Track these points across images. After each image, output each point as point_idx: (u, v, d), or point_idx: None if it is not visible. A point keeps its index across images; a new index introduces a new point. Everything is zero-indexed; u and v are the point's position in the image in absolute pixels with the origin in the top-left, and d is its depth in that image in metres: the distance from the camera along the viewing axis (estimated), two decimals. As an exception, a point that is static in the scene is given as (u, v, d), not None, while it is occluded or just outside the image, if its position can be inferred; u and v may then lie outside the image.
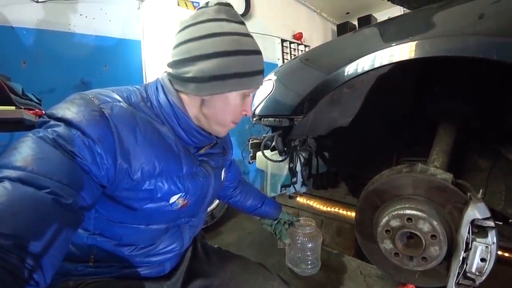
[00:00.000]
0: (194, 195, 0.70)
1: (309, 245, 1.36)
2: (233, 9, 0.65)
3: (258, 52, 0.64)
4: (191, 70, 0.60)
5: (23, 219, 0.40)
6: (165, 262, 0.75)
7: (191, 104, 0.65)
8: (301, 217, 1.34)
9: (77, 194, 0.47)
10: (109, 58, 1.97)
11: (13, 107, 0.86)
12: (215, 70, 0.59)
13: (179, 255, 0.80)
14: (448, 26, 0.82)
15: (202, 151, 0.74)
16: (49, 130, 0.48)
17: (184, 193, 0.66)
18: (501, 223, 1.04)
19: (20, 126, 0.89)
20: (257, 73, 0.64)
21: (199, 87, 0.61)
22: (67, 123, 0.50)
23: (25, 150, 0.45)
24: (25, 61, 1.65)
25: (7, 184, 0.40)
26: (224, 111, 0.66)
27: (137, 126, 0.58)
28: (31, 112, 0.92)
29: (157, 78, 0.68)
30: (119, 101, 0.58)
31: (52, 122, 0.50)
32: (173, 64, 0.63)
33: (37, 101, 1.12)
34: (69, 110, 0.51)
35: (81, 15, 1.87)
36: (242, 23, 0.65)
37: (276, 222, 1.17)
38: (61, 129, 0.48)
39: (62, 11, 1.79)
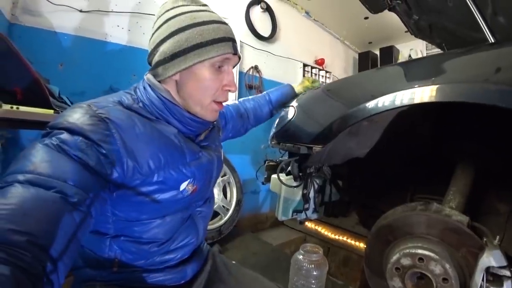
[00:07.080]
0: (201, 180, 0.73)
1: (314, 273, 1.33)
2: None
3: (216, 22, 0.67)
4: (155, 56, 0.66)
5: (35, 217, 0.41)
6: (186, 268, 0.77)
7: (172, 91, 0.68)
8: (308, 243, 1.32)
9: (83, 193, 0.48)
10: (138, 68, 2.06)
11: (51, 111, 0.93)
12: (174, 47, 0.63)
13: (197, 254, 0.82)
14: (469, 72, 0.84)
15: (201, 137, 0.76)
16: (53, 138, 0.51)
17: (192, 179, 0.69)
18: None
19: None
20: (218, 41, 0.65)
21: (165, 69, 0.65)
22: (69, 130, 0.52)
23: (32, 156, 0.47)
24: (62, 64, 1.77)
25: (17, 186, 0.43)
26: (199, 89, 0.67)
27: (136, 125, 0.61)
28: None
29: (143, 79, 0.71)
30: (115, 105, 0.62)
31: (56, 131, 0.53)
32: (147, 59, 0.70)
33: (71, 104, 1.19)
34: (70, 117, 0.54)
35: (118, 26, 2.00)
36: (203, 5, 0.69)
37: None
38: (64, 136, 0.51)
39: (101, 21, 1.92)
